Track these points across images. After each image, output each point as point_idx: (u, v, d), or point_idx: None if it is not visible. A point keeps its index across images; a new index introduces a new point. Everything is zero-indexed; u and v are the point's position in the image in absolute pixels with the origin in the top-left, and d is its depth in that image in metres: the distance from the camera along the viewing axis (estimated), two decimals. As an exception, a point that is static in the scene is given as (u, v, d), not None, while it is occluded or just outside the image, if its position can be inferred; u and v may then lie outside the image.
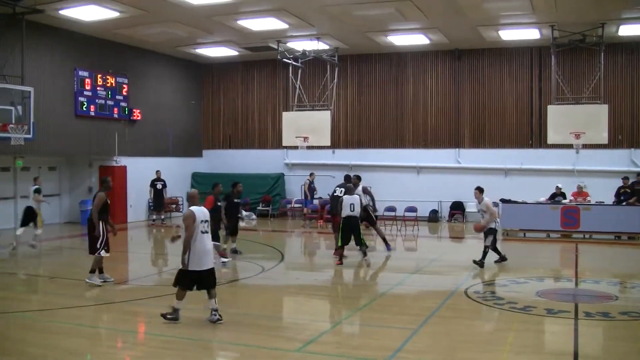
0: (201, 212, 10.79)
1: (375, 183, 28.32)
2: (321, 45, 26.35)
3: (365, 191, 19.24)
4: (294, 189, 30.25)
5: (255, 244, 21.02)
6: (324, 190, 27.69)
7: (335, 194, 18.81)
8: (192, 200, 11.15)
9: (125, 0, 20.19)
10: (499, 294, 13.20)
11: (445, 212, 28.05)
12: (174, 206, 29.44)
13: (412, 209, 25.73)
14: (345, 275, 16.22)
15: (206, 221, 10.78)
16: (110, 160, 27.14)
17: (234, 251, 17.85)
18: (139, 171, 27.20)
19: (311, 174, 28.10)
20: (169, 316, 10.73)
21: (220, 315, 10.70)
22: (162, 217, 27.40)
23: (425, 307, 11.97)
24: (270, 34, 24.68)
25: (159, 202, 26.55)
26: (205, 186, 29.98)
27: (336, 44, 26.44)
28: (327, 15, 22.04)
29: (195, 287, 10.79)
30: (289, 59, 26.63)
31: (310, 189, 27.67)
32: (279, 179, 30.26)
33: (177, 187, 29.35)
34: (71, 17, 22.01)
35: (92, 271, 13.77)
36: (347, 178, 19.31)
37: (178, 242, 10.97)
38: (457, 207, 27.84)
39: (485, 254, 16.32)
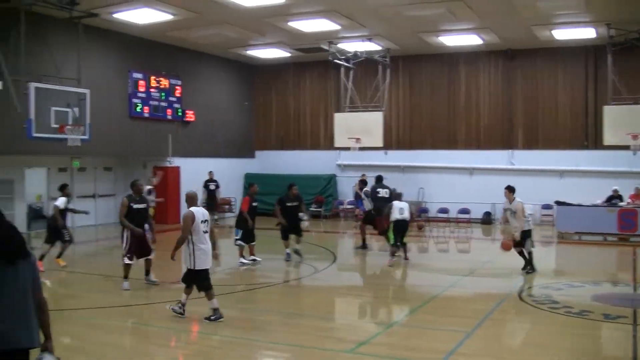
0: (201, 213, 10.96)
1: (427, 184, 28.26)
2: (373, 46, 26.30)
3: (368, 194, 19.59)
4: (346, 190, 30.20)
5: (308, 244, 21.05)
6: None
7: (379, 195, 18.91)
8: (191, 201, 11.29)
9: (177, 3, 20.42)
10: (554, 297, 12.95)
11: (498, 214, 27.69)
12: (226, 207, 29.63)
13: (465, 211, 25.55)
14: (398, 277, 16.15)
15: (206, 221, 10.95)
16: (164, 161, 27.45)
17: (296, 252, 17.40)
18: (192, 172, 27.43)
19: (362, 175, 28.01)
20: (176, 309, 11.13)
21: (220, 314, 10.92)
22: (216, 217, 27.57)
23: (478, 310, 11.83)
24: (322, 35, 24.71)
25: (212, 202, 26.72)
26: (258, 187, 30.20)
27: (388, 44, 26.36)
28: (379, 16, 21.98)
29: (195, 287, 11.03)
30: (340, 60, 26.64)
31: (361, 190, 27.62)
32: (331, 180, 30.27)
33: (230, 187, 29.55)
34: (125, 20, 22.34)
35: (125, 277, 13.78)
36: (379, 178, 20.32)
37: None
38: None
39: (530, 258, 15.74)
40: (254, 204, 17.21)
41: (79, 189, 25.89)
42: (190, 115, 28.20)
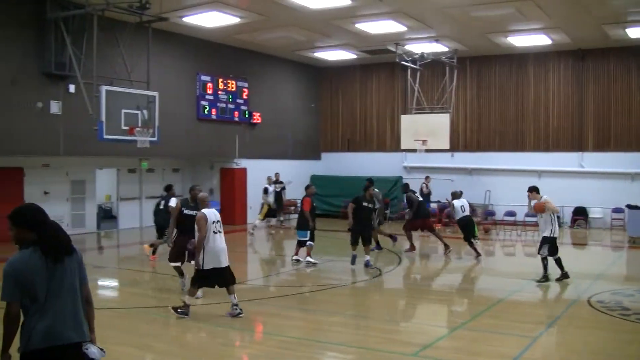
0: (212, 213, 11.23)
1: (494, 187, 27.92)
2: (440, 47, 26.12)
3: (377, 197, 19.20)
4: (412, 193, 30.06)
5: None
6: (441, 194, 27.42)
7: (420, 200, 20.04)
8: (202, 203, 11.49)
9: (245, 6, 20.63)
10: (624, 304, 12.63)
11: (567, 217, 27.19)
12: (292, 208, 29.77)
13: (532, 214, 25.12)
14: (463, 280, 16.01)
15: (218, 221, 11.20)
16: (231, 163, 27.76)
17: (366, 264, 16.61)
18: (259, 173, 27.68)
19: (427, 177, 27.86)
20: (180, 310, 11.19)
21: (240, 309, 11.14)
22: (282, 218, 27.77)
23: (545, 315, 11.66)
24: (389, 36, 24.64)
25: (278, 204, 26.87)
26: (323, 189, 30.31)
27: (455, 45, 26.14)
28: (446, 17, 21.82)
29: (216, 285, 11.35)
30: (407, 61, 26.54)
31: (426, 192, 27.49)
32: (397, 182, 30.15)
33: (296, 189, 29.66)
34: (193, 24, 22.69)
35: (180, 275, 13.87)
36: (406, 186, 20.86)
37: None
38: (580, 213, 26.96)
39: (545, 266, 14.90)
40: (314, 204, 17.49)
41: (147, 189, 26.43)
42: (257, 117, 28.43)
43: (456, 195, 19.32)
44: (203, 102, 25.83)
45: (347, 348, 9.57)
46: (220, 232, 11.19)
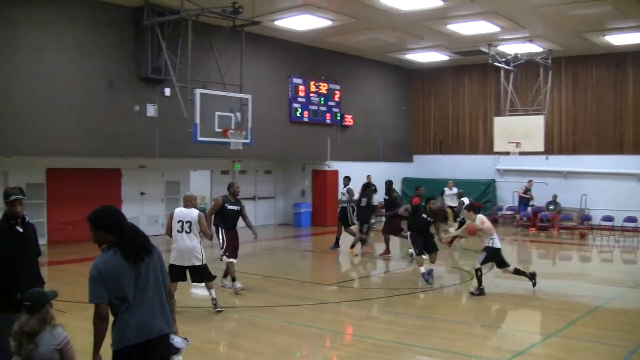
0: (181, 213, 11.55)
1: (590, 191, 27.17)
2: (534, 48, 25.60)
3: (350, 192, 20.16)
4: (505, 196, 29.58)
5: (466, 250, 20.78)
6: (536, 198, 26.92)
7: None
8: (185, 201, 11.86)
9: (336, 9, 20.70)
10: None
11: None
12: (383, 210, 29.62)
13: (631, 219, 24.38)
14: (556, 285, 15.62)
15: (187, 222, 11.45)
16: (323, 165, 27.89)
17: (427, 274, 15.28)
18: (350, 175, 27.67)
19: (529, 181, 27.33)
20: None
21: (220, 306, 11.66)
22: (372, 221, 27.66)
23: (643, 324, 11.28)
24: (481, 37, 24.31)
25: (371, 207, 26.71)
26: (414, 191, 30.08)
27: (549, 45, 25.57)
28: (540, 17, 21.36)
29: (190, 279, 11.91)
30: (500, 62, 26.12)
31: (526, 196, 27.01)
32: (490, 185, 29.72)
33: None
34: (285, 27, 22.90)
35: (224, 275, 14.11)
36: (389, 183, 20.95)
37: None
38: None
39: (478, 278, 13.94)
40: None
41: (240, 191, 26.73)
42: (348, 120, 28.48)
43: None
44: (295, 105, 26.04)
45: (437, 352, 9.48)
46: (187, 232, 11.48)
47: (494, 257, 14.09)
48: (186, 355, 8.87)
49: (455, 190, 24.23)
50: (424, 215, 15.93)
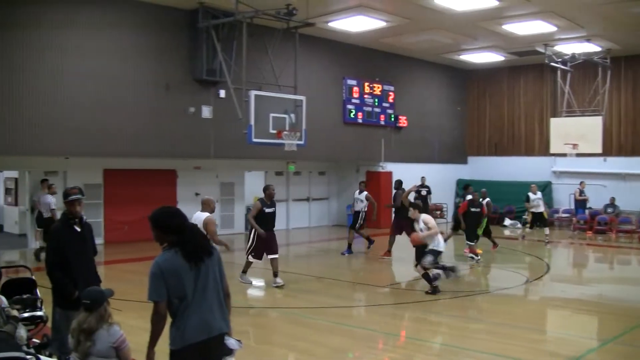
0: (195, 216, 11.68)
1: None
2: (591, 47, 25.16)
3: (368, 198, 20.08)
4: (562, 198, 29.13)
5: (519, 253, 20.54)
6: (593, 200, 26.45)
7: None
8: (202, 205, 12.03)
9: (391, 10, 20.64)
10: None
11: None
12: (438, 212, 29.50)
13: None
14: (615, 290, 15.33)
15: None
16: (376, 166, 27.83)
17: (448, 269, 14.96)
18: (404, 177, 27.48)
19: (581, 183, 26.85)
20: None
21: None
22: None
23: None
24: (537, 37, 23.99)
25: (424, 208, 26.56)
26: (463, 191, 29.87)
27: (608, 45, 25.10)
28: (599, 15, 20.98)
29: None
30: (556, 62, 25.75)
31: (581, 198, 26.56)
32: (545, 187, 29.27)
33: (442, 193, 29.41)
34: (339, 28, 22.91)
35: (243, 271, 14.41)
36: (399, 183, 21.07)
37: None
38: None
39: (427, 278, 13.89)
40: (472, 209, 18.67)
41: (294, 192, 26.94)
42: (402, 121, 28.37)
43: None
44: (349, 106, 26.03)
45: (491, 356, 9.37)
46: None
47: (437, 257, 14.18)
48: (240, 355, 8.97)
49: (540, 194, 23.05)
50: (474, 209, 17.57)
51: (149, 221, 5.43)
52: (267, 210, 14.06)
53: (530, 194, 22.77)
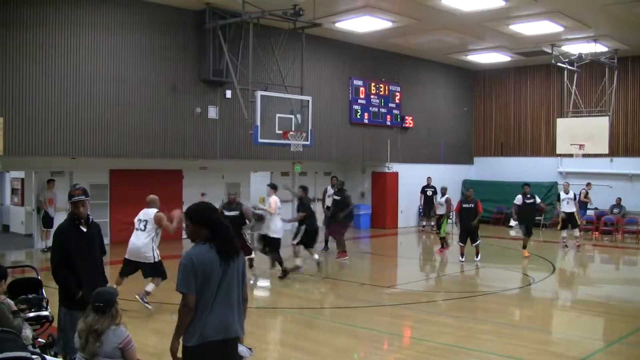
0: (142, 213, 12.18)
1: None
2: (599, 48, 25.08)
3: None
4: (567, 199, 29.03)
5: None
6: (600, 201, 26.35)
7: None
8: (149, 204, 12.35)
9: (397, 10, 20.63)
10: None
11: None
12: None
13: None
14: (620, 291, 15.30)
15: (144, 220, 12.03)
16: (383, 167, 27.81)
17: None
18: (410, 177, 27.59)
19: (588, 184, 26.75)
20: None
21: (147, 303, 11.54)
22: (432, 223, 27.55)
23: None
24: (544, 37, 23.93)
25: (429, 208, 26.60)
26: (475, 194, 29.77)
27: (615, 45, 25.03)
28: (606, 15, 20.92)
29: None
30: (563, 63, 25.69)
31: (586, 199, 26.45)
32: (552, 188, 29.18)
33: (448, 194, 29.28)
34: (346, 29, 22.90)
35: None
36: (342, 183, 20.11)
37: None
38: None
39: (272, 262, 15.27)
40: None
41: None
42: (409, 121, 28.35)
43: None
44: (355, 107, 26.03)
45: (498, 357, 9.36)
46: (141, 229, 11.96)
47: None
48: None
49: (572, 194, 22.02)
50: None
51: (186, 216, 5.46)
52: (227, 213, 14.54)
53: (562, 193, 22.26)
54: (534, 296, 14.76)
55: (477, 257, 18.41)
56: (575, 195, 22.20)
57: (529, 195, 19.64)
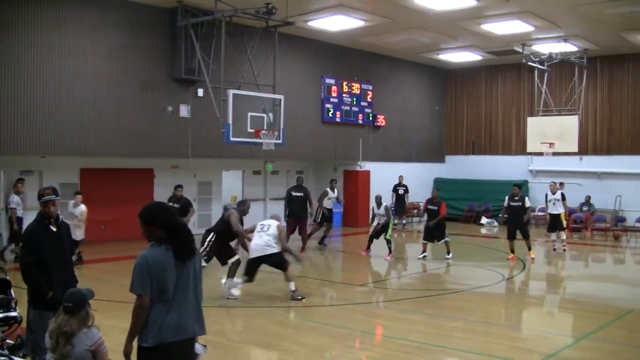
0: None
1: (625, 192, 26.82)
2: (569, 47, 25.33)
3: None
4: (539, 197, 29.25)
5: (497, 252, 20.63)
6: (570, 199, 26.55)
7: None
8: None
9: (370, 9, 20.68)
10: None
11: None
12: (415, 211, 29.61)
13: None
14: (590, 288, 15.48)
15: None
16: (355, 165, 27.86)
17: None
18: (382, 176, 27.65)
19: (561, 184, 26.94)
20: None
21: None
22: (404, 222, 27.67)
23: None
24: (515, 37, 24.12)
25: (401, 207, 26.65)
26: (447, 192, 30.07)
27: (585, 45, 25.29)
28: (577, 16, 21.12)
29: None
30: (534, 62, 25.91)
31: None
32: (522, 186, 29.42)
33: (420, 192, 29.44)
34: (319, 27, 22.92)
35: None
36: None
37: None
38: None
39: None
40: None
41: (272, 191, 26.89)
42: (381, 120, 28.42)
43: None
44: (327, 105, 26.05)
45: (468, 354, 9.42)
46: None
47: None
48: (220, 355, 8.96)
49: (559, 194, 20.71)
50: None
51: (140, 217, 5.43)
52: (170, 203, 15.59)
53: (548, 193, 21.00)
54: (504, 293, 14.89)
55: (448, 255, 18.44)
56: (563, 195, 20.93)
57: (516, 198, 18.96)
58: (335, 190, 21.45)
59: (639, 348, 9.82)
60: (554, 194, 20.60)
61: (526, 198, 19.24)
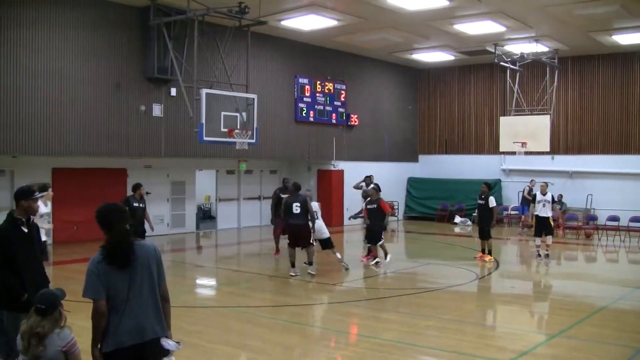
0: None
1: (596, 191, 27.10)
2: (540, 48, 25.54)
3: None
4: (511, 196, 29.52)
5: (470, 250, 20.73)
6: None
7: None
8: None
9: (343, 9, 20.70)
10: None
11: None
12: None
13: (637, 219, 24.26)
14: (562, 286, 15.61)
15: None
16: (328, 165, 27.89)
17: None
18: (356, 175, 27.61)
19: (531, 181, 27.16)
20: None
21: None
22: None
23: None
24: (487, 37, 24.28)
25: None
26: (421, 191, 30.18)
27: (556, 45, 25.53)
28: (547, 16, 21.32)
29: None
30: (506, 62, 26.09)
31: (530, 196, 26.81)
32: (495, 185, 29.63)
33: (393, 191, 29.52)
34: (292, 27, 22.91)
35: None
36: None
37: None
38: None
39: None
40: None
41: (245, 191, 26.85)
42: (354, 120, 28.46)
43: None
44: (301, 105, 26.04)
45: (442, 352, 9.46)
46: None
47: None
48: (193, 355, 8.93)
49: (549, 196, 18.86)
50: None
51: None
52: (135, 204, 15.75)
53: (538, 194, 19.17)
54: (477, 292, 14.98)
55: (386, 258, 17.66)
56: (553, 197, 19.37)
57: (482, 197, 18.41)
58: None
59: (610, 345, 9.90)
60: (544, 195, 18.83)
61: (490, 197, 18.31)
